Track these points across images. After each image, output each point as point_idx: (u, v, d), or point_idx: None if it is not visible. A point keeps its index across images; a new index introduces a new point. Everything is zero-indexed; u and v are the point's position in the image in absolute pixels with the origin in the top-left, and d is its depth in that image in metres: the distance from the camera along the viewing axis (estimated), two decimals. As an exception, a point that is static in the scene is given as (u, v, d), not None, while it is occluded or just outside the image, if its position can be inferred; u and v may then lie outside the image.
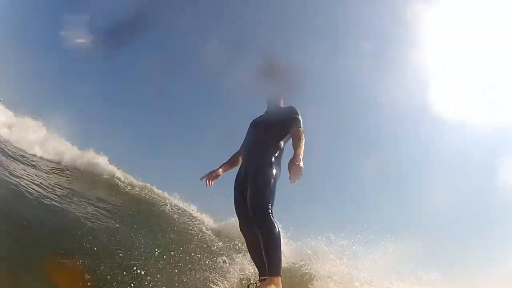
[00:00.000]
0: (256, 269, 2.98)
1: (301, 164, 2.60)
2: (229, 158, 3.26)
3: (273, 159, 2.90)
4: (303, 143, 2.77)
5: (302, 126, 2.92)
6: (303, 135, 2.85)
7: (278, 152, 2.94)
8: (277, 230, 2.64)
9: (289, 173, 2.62)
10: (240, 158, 3.17)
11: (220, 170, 3.18)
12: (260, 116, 3.22)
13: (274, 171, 2.84)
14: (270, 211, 2.69)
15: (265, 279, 2.71)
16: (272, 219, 2.66)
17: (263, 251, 2.63)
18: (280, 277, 2.60)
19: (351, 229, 4.91)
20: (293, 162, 2.62)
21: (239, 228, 2.99)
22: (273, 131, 2.97)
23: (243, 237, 3.01)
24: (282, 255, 2.66)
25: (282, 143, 2.99)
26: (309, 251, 4.72)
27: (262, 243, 2.63)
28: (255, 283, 2.99)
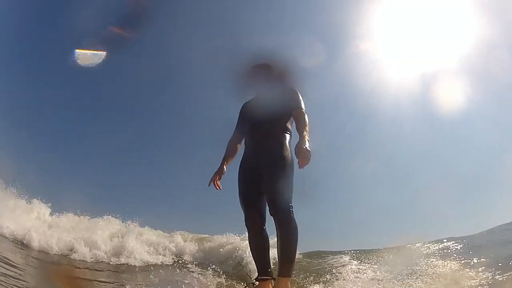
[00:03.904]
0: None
1: (309, 147, 2.42)
2: (228, 149, 2.96)
3: (288, 145, 2.72)
4: (308, 125, 2.61)
5: (304, 107, 2.74)
6: (306, 116, 2.68)
7: (289, 136, 2.77)
8: (297, 230, 2.51)
9: (297, 158, 2.41)
10: (239, 145, 2.95)
11: (224, 166, 2.91)
12: (255, 99, 2.97)
13: (292, 161, 2.63)
14: (291, 208, 2.53)
15: (265, 279, 2.61)
16: (294, 217, 2.51)
17: (279, 251, 2.49)
18: (290, 279, 2.49)
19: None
20: (300, 146, 2.42)
21: (244, 222, 2.76)
22: (278, 113, 2.75)
23: (247, 231, 2.78)
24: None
25: (289, 125, 2.80)
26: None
27: (280, 242, 2.49)
28: (252, 283, 2.81)
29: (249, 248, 2.84)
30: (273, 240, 2.94)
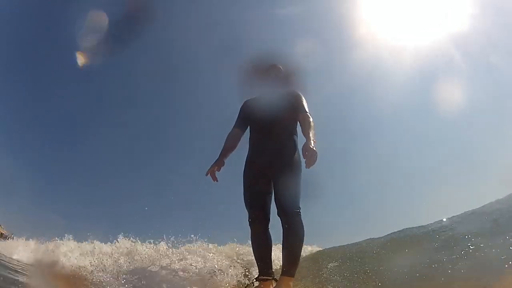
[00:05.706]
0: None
1: (315, 148, 2.49)
2: (227, 143, 2.92)
3: (297, 148, 2.77)
4: (313, 127, 2.68)
5: (308, 110, 2.81)
6: (311, 119, 2.75)
7: (297, 138, 2.83)
8: (304, 231, 2.58)
9: (304, 157, 2.49)
10: (238, 141, 2.93)
11: (224, 158, 2.88)
12: (259, 98, 2.96)
13: (301, 164, 2.69)
14: (299, 209, 2.60)
15: (266, 279, 2.62)
16: (301, 219, 2.58)
17: (284, 251, 2.56)
18: (293, 279, 2.54)
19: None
20: (307, 146, 2.50)
21: (248, 221, 2.76)
22: (288, 117, 2.81)
23: (250, 230, 2.77)
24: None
25: (296, 129, 2.87)
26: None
27: (287, 243, 2.57)
28: (252, 283, 2.79)
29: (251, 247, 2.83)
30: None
